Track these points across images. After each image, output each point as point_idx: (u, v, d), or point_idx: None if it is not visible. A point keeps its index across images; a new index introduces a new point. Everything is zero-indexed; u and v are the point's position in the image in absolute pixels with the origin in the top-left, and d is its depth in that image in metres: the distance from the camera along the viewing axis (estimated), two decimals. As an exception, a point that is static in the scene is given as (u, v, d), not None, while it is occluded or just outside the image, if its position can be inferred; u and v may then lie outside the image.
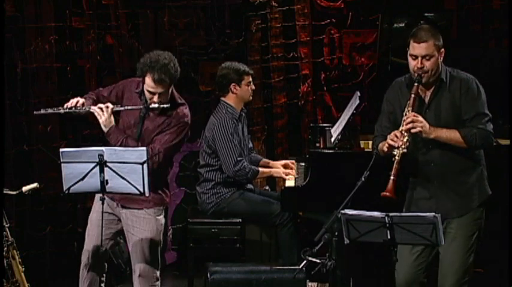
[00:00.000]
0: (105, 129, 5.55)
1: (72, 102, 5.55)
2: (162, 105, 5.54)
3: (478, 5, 7.68)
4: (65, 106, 5.53)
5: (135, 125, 5.62)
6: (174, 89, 5.66)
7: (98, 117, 5.53)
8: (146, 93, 5.56)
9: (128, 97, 5.66)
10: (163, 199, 5.71)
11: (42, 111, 5.54)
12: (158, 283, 5.75)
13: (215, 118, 6.68)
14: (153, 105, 5.54)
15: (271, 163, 6.96)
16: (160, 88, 5.50)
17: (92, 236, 5.65)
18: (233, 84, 6.68)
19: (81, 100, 5.57)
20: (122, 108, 5.59)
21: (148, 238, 5.64)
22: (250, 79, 6.75)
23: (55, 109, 5.54)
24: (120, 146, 5.49)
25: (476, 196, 5.22)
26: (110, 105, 5.55)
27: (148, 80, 5.50)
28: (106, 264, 5.76)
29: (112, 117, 5.55)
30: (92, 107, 5.55)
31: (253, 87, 6.81)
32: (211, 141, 6.64)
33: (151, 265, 5.68)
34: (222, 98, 6.74)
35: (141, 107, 5.58)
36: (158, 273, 5.74)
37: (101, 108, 5.53)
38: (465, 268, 5.21)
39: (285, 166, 6.88)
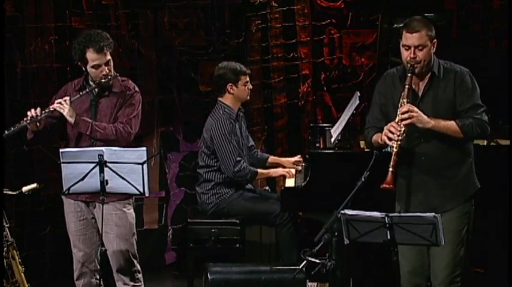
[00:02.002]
0: (71, 121, 5.59)
1: (31, 112, 5.57)
2: (112, 76, 5.63)
3: (478, 5, 7.68)
4: (25, 119, 5.55)
5: (88, 113, 5.67)
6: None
7: (61, 111, 5.57)
8: (92, 71, 5.63)
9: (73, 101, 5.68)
10: None
11: (12, 129, 5.54)
12: (140, 275, 5.82)
13: (212, 119, 6.67)
14: (104, 80, 5.62)
15: (281, 159, 6.94)
16: (103, 57, 5.60)
17: (79, 247, 5.75)
18: (230, 84, 6.67)
19: (38, 108, 5.60)
20: (78, 96, 5.64)
21: (121, 233, 5.70)
22: (247, 79, 6.74)
23: (20, 124, 5.55)
24: (91, 131, 5.56)
25: (466, 190, 5.22)
26: (67, 97, 5.61)
27: (90, 54, 5.59)
28: (98, 266, 5.77)
29: (72, 108, 5.59)
30: (52, 105, 5.61)
31: (251, 87, 6.79)
32: (209, 142, 6.63)
33: (128, 258, 5.74)
34: (219, 99, 6.73)
35: (93, 86, 5.65)
36: (138, 266, 5.81)
37: (60, 103, 5.58)
38: (456, 261, 5.20)
39: (296, 163, 6.87)
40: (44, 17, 7.55)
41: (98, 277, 5.75)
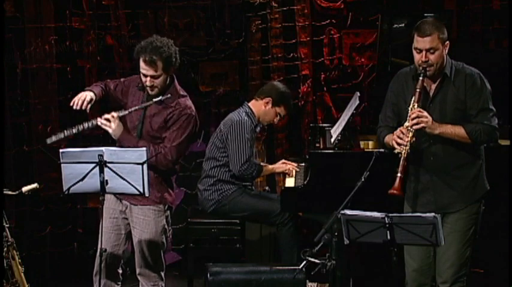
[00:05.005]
0: (115, 138, 5.59)
1: (80, 98, 5.54)
2: (163, 97, 5.52)
3: (478, 5, 7.68)
4: (74, 129, 5.48)
5: (139, 121, 5.64)
6: (176, 82, 5.67)
7: (107, 128, 5.54)
8: (142, 76, 5.57)
9: (132, 92, 5.71)
10: (163, 197, 5.69)
11: (54, 138, 5.52)
12: (162, 283, 5.77)
13: (235, 116, 6.66)
14: (151, 91, 5.54)
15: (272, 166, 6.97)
16: (151, 70, 5.51)
17: (101, 243, 5.68)
18: (270, 99, 6.68)
19: (88, 95, 5.56)
20: (126, 112, 5.59)
21: (147, 239, 5.67)
22: (283, 113, 6.74)
23: (66, 132, 5.50)
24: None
25: (474, 191, 5.23)
26: (115, 114, 5.55)
27: (140, 61, 5.54)
28: (121, 271, 5.77)
29: (120, 124, 5.56)
30: (99, 120, 5.54)
31: (277, 121, 6.80)
32: (225, 135, 6.62)
33: (151, 265, 5.71)
34: (250, 102, 6.73)
35: (143, 105, 5.59)
36: (162, 273, 5.78)
37: (107, 119, 5.54)
38: (461, 261, 5.21)
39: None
40: (44, 17, 7.55)
41: (118, 282, 5.74)
